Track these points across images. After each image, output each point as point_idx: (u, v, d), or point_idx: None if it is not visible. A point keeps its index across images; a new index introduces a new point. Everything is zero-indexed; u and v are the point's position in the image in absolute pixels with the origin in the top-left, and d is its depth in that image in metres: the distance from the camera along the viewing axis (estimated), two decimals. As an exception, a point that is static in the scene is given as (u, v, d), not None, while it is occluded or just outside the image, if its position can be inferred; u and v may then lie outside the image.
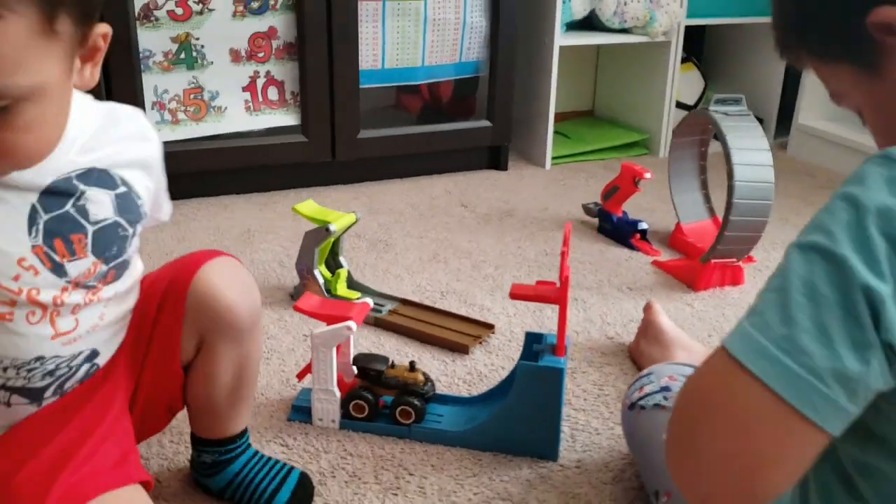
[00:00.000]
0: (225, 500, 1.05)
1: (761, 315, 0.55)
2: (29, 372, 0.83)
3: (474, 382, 1.33)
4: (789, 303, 0.54)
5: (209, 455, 1.04)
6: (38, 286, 0.81)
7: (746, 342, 0.54)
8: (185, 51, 1.94)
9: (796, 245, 0.57)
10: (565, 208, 2.12)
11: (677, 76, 2.52)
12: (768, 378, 0.52)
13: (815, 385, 0.52)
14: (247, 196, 2.12)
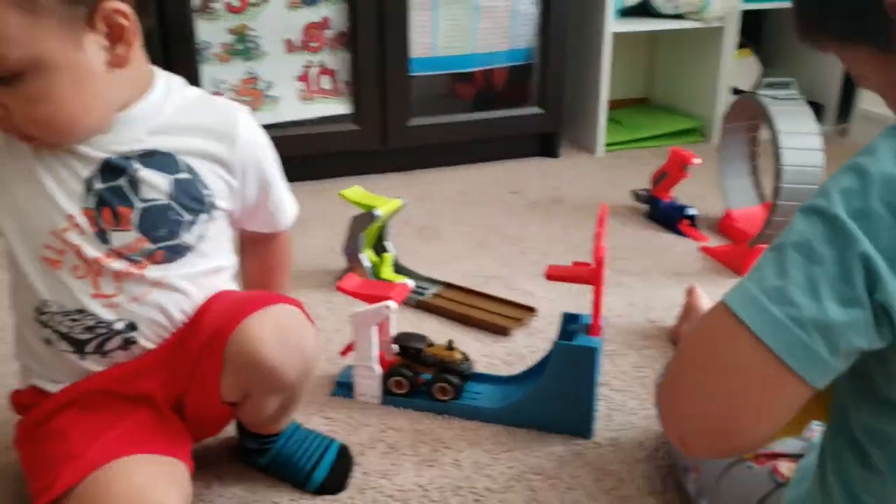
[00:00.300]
0: (269, 474, 1.09)
1: (759, 270, 0.58)
2: (72, 321, 0.90)
3: (514, 363, 1.36)
4: (785, 259, 0.56)
5: (253, 442, 1.08)
6: (81, 245, 0.88)
7: (741, 293, 0.57)
8: (241, 42, 2.00)
9: (800, 209, 0.59)
10: (615, 195, 2.12)
11: (732, 62, 2.49)
12: (754, 324, 0.55)
13: (797, 333, 0.54)
14: (300, 184, 2.15)
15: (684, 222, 1.87)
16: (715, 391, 0.57)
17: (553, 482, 1.07)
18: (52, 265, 0.89)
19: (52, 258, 0.89)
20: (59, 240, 0.88)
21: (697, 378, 0.59)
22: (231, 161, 0.94)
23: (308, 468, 1.07)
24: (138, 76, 0.90)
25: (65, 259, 0.89)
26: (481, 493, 1.05)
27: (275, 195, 1.04)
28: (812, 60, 2.67)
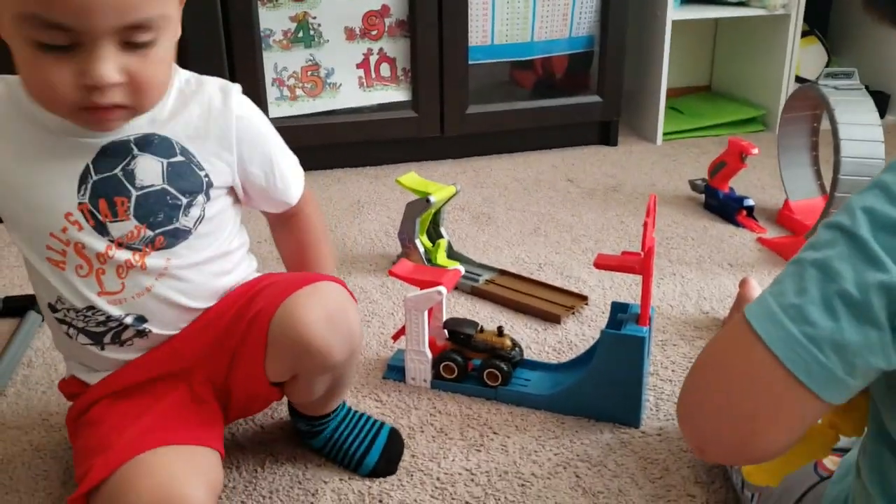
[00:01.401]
0: (323, 456, 1.12)
1: (780, 284, 0.58)
2: (85, 318, 0.93)
3: (564, 351, 1.37)
4: (804, 275, 0.56)
5: (304, 424, 1.11)
6: (82, 241, 0.89)
7: (762, 307, 0.57)
8: (303, 29, 2.04)
9: (823, 224, 0.59)
10: (673, 184, 2.11)
11: (797, 50, 2.44)
12: (771, 341, 0.55)
13: (814, 353, 0.54)
14: (358, 169, 2.21)
15: (742, 213, 1.85)
16: (729, 403, 0.58)
17: (599, 469, 1.09)
18: (56, 265, 0.90)
19: (56, 259, 0.90)
20: (60, 240, 0.89)
21: (713, 389, 0.59)
22: (227, 139, 0.93)
23: (360, 452, 1.09)
24: None
25: (68, 259, 0.90)
26: (527, 479, 1.07)
27: (279, 170, 1.01)
28: (879, 49, 2.61)
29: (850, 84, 1.63)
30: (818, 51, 2.66)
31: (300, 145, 2.08)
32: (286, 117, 2.09)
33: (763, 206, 1.93)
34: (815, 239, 0.59)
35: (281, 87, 2.07)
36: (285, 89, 2.08)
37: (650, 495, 1.04)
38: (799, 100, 1.79)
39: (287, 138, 2.12)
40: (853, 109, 1.57)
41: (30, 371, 1.31)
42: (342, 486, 1.06)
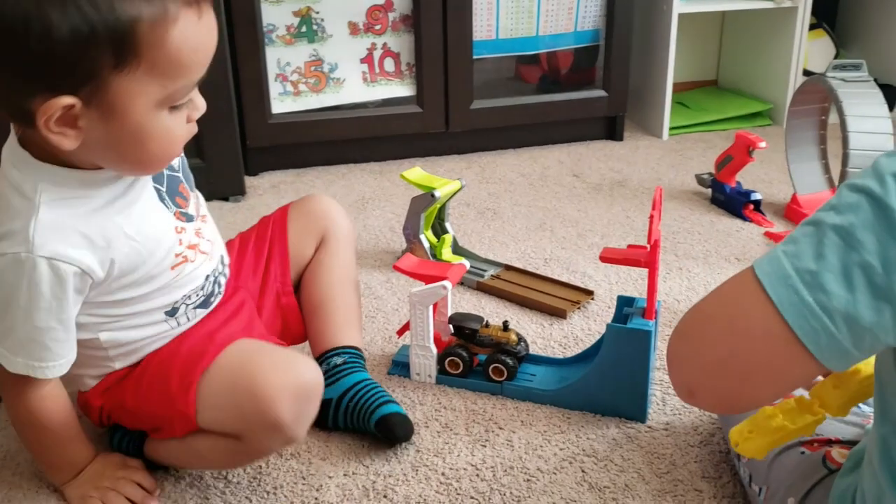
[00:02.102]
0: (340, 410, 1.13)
1: (796, 244, 0.56)
2: (199, 290, 1.03)
3: (570, 346, 1.36)
4: (824, 239, 0.54)
5: (325, 365, 1.15)
6: (190, 239, 1.00)
7: (774, 266, 0.56)
8: (306, 24, 2.03)
9: (849, 185, 0.56)
10: (680, 179, 2.10)
11: (804, 43, 2.42)
12: (782, 305, 0.55)
13: (825, 323, 0.53)
14: (363, 165, 2.20)
15: (749, 207, 1.84)
16: (727, 354, 0.58)
17: (605, 464, 1.08)
18: (178, 265, 0.99)
19: (179, 262, 0.99)
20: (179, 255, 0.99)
21: (712, 336, 0.59)
22: None
23: (376, 405, 1.11)
24: None
25: (187, 258, 1.00)
26: (532, 474, 1.06)
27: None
28: (888, 42, 2.59)
29: (859, 76, 1.61)
30: (826, 44, 2.64)
31: (304, 141, 2.11)
32: (289, 113, 2.08)
33: (770, 201, 1.92)
34: (838, 200, 0.56)
35: (284, 82, 2.07)
36: (288, 85, 2.07)
37: (657, 490, 1.03)
38: (806, 93, 1.78)
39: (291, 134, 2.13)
40: (861, 102, 1.55)
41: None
42: (346, 480, 1.05)
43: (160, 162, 0.91)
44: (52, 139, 0.81)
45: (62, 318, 0.90)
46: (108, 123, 0.82)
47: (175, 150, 0.90)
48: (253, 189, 2.04)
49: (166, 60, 0.80)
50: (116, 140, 0.84)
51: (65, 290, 0.88)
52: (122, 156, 0.87)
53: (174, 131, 0.87)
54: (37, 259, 0.85)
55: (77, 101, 0.79)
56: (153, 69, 0.80)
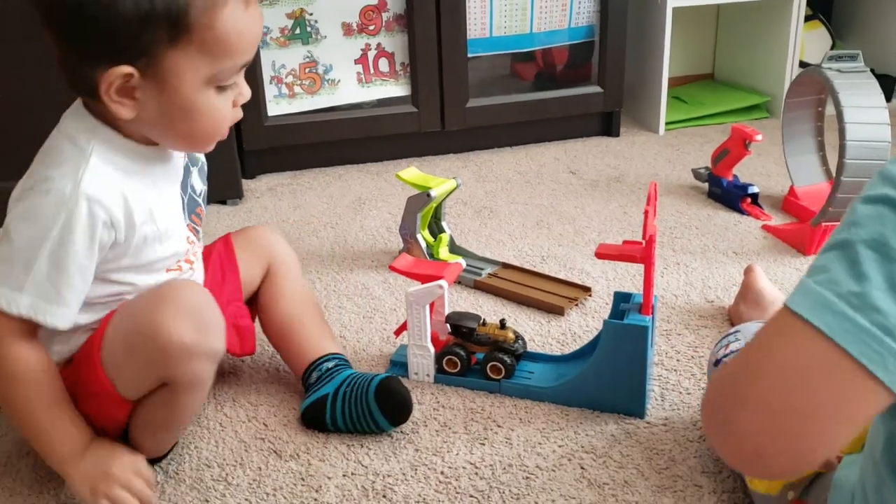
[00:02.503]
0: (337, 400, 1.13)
1: (827, 272, 0.52)
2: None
3: (568, 343, 1.36)
4: (858, 258, 0.51)
5: (316, 372, 1.17)
6: (192, 252, 1.08)
7: (811, 298, 0.52)
8: (299, 26, 2.03)
9: (864, 198, 0.53)
10: (676, 173, 2.09)
11: (800, 35, 2.42)
12: (834, 333, 0.50)
13: (889, 344, 0.49)
14: (360, 165, 2.20)
15: (746, 200, 1.83)
16: (789, 406, 0.52)
17: (604, 460, 1.07)
18: (170, 270, 1.05)
19: (175, 268, 1.05)
20: (183, 260, 1.06)
21: (766, 392, 0.53)
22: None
23: (369, 379, 1.13)
24: None
25: (182, 270, 1.06)
26: (531, 471, 1.06)
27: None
28: (885, 32, 2.59)
29: (855, 67, 1.61)
30: (822, 35, 2.64)
31: (300, 143, 2.11)
32: (285, 115, 2.08)
33: (768, 193, 1.91)
34: (855, 217, 0.53)
35: (279, 84, 2.06)
36: (283, 87, 2.07)
37: (656, 486, 1.03)
38: (802, 84, 1.78)
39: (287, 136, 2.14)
40: (858, 92, 1.55)
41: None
42: (345, 481, 1.05)
43: (206, 139, 0.98)
44: (112, 108, 0.90)
45: (82, 266, 0.93)
46: (161, 96, 0.91)
47: (221, 129, 0.98)
48: (250, 192, 2.04)
49: (215, 41, 0.89)
50: (169, 113, 0.93)
51: (94, 236, 0.92)
52: (173, 129, 0.95)
53: (221, 111, 0.95)
54: (80, 197, 0.91)
55: (135, 72, 0.88)
56: (203, 48, 0.89)
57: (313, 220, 1.86)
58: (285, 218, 1.88)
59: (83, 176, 0.92)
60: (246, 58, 0.94)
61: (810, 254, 1.62)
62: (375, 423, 1.11)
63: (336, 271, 1.62)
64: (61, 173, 0.92)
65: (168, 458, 1.10)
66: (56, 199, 0.90)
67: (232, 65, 0.92)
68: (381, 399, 1.10)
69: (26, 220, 0.91)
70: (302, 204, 1.96)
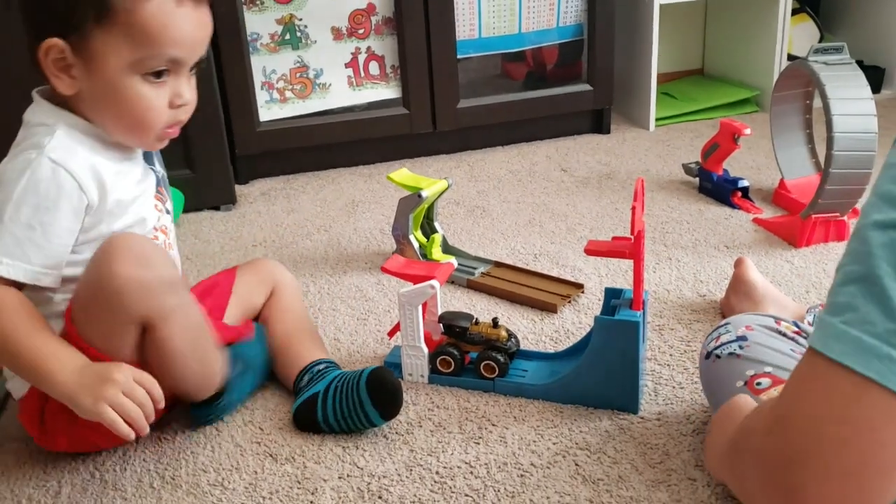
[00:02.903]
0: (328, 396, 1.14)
1: (855, 311, 0.49)
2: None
3: (561, 340, 1.36)
4: (887, 292, 0.48)
5: (308, 375, 1.19)
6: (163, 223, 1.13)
7: (848, 343, 0.49)
8: (289, 31, 2.04)
9: (874, 224, 0.51)
10: (667, 169, 2.10)
11: (788, 28, 2.43)
12: (886, 379, 0.47)
13: None
14: (352, 168, 2.20)
15: (737, 194, 1.84)
16: (863, 465, 0.48)
17: (598, 456, 1.08)
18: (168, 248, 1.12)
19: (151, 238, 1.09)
20: (158, 230, 1.10)
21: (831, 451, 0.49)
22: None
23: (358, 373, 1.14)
24: None
25: (158, 241, 1.10)
26: (526, 469, 1.07)
27: None
28: (872, 23, 2.60)
29: (841, 59, 1.61)
30: (810, 28, 2.65)
31: (293, 147, 2.12)
32: (277, 120, 2.08)
33: (758, 187, 1.92)
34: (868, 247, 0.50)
35: (270, 90, 2.07)
36: (275, 92, 2.08)
37: (651, 480, 1.03)
38: (790, 78, 1.78)
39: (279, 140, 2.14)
40: (844, 84, 1.56)
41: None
42: (341, 483, 1.06)
43: (138, 129, 1.02)
44: (52, 81, 0.98)
45: (44, 222, 0.97)
46: (90, 76, 0.97)
47: (151, 123, 1.01)
48: (244, 197, 2.04)
49: (136, 27, 0.95)
50: (98, 95, 0.99)
51: (58, 196, 0.97)
52: (106, 113, 1.01)
53: (149, 103, 0.99)
54: (43, 159, 0.97)
55: (66, 46, 0.95)
56: (126, 32, 0.95)
57: (307, 224, 1.87)
58: (279, 222, 1.89)
59: (48, 144, 0.98)
60: (173, 52, 0.98)
61: (801, 246, 1.63)
62: (367, 416, 1.12)
63: (330, 274, 1.62)
64: (28, 145, 0.98)
65: (164, 464, 1.11)
66: (21, 163, 0.97)
67: (154, 55, 0.97)
68: (372, 389, 1.11)
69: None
70: (295, 208, 1.97)
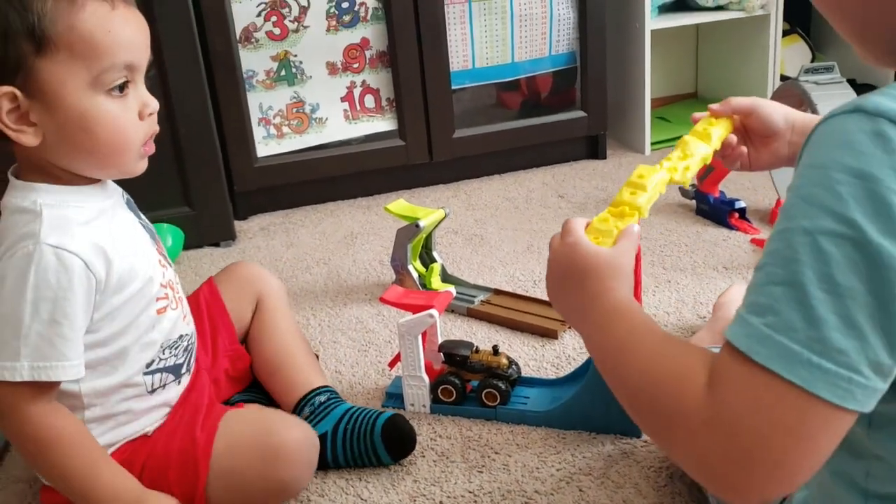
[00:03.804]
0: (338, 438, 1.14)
1: (777, 315, 0.53)
2: (175, 349, 1.06)
3: (563, 366, 1.36)
4: (810, 301, 0.51)
5: (309, 407, 1.17)
6: (168, 278, 1.05)
7: (773, 348, 0.52)
8: (285, 68, 2.06)
9: (803, 231, 0.53)
10: (664, 192, 2.11)
11: (779, 49, 2.45)
12: (813, 387, 0.51)
13: (856, 380, 0.51)
14: (350, 201, 2.21)
15: (734, 215, 1.85)
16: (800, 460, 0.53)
17: (602, 481, 1.08)
18: (166, 311, 1.03)
19: (163, 306, 1.03)
20: (163, 285, 1.04)
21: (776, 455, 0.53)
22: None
23: (373, 418, 1.14)
24: None
25: (169, 298, 1.05)
26: (530, 496, 1.06)
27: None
28: (863, 42, 2.61)
29: (831, 78, 1.63)
30: (802, 48, 2.67)
31: (291, 181, 2.13)
32: (274, 155, 2.10)
33: (755, 207, 1.93)
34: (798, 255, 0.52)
35: (267, 126, 2.09)
36: (272, 128, 2.09)
37: (655, 504, 1.03)
38: (781, 98, 1.79)
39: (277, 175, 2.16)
40: (836, 104, 1.56)
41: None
42: (345, 517, 1.06)
43: (117, 151, 0.94)
44: (14, 137, 0.89)
45: (68, 313, 0.91)
46: (53, 112, 0.89)
47: (128, 139, 0.94)
48: (243, 233, 2.05)
49: (81, 41, 0.88)
50: (67, 129, 0.91)
51: (71, 282, 0.91)
52: (81, 148, 0.92)
53: (120, 118, 0.93)
54: (43, 247, 0.90)
55: (16, 91, 0.87)
56: (73, 51, 0.88)
57: (306, 258, 1.88)
58: (279, 256, 1.90)
59: (40, 231, 0.90)
60: (126, 57, 0.91)
61: (799, 265, 1.63)
62: (378, 458, 1.13)
63: (330, 307, 1.63)
64: (20, 236, 0.91)
65: (168, 502, 1.10)
66: (21, 260, 0.90)
67: (110, 64, 0.90)
68: (388, 437, 1.12)
69: (1, 289, 0.90)
70: (295, 242, 1.98)
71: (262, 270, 1.31)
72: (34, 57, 0.87)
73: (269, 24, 2.01)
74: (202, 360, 1.17)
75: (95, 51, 0.89)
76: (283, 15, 2.01)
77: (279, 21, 2.01)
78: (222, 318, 1.22)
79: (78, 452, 0.94)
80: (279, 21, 2.01)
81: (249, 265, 1.32)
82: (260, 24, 2.00)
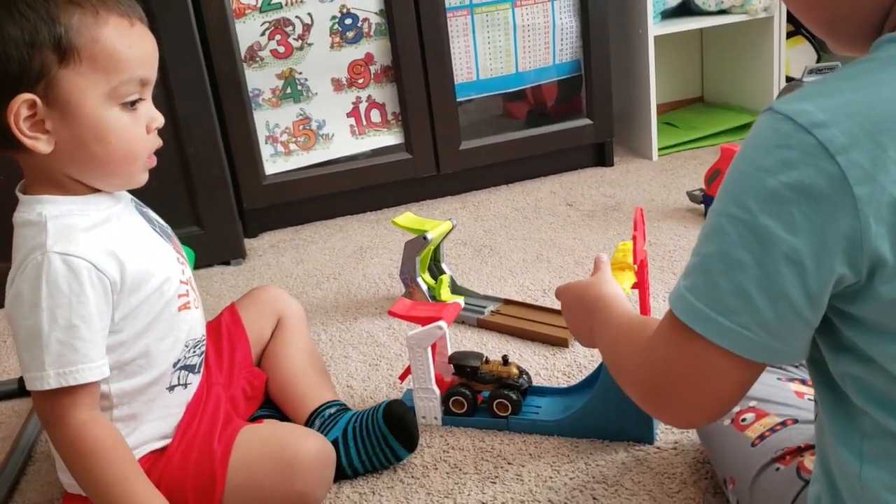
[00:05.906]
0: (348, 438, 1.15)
1: (689, 278, 0.64)
2: (196, 348, 1.09)
3: (574, 374, 1.36)
4: (710, 269, 0.62)
5: (319, 419, 1.19)
6: (188, 276, 1.08)
7: (686, 305, 0.64)
8: (290, 86, 2.07)
9: (713, 212, 0.63)
10: (672, 197, 2.11)
11: (784, 51, 2.45)
12: (713, 336, 0.62)
13: (746, 335, 0.61)
14: (359, 216, 2.22)
15: (742, 218, 1.84)
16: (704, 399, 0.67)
17: (616, 489, 1.07)
18: (185, 308, 1.05)
19: (184, 302, 1.06)
20: (184, 282, 1.06)
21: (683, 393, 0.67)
22: None
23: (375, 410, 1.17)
24: None
25: (189, 296, 1.07)
26: (544, 505, 1.06)
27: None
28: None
29: (834, 79, 1.62)
30: (807, 49, 2.67)
31: (299, 198, 2.14)
32: (282, 172, 2.11)
33: (764, 210, 1.92)
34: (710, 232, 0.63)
35: (274, 143, 2.10)
36: (279, 145, 2.11)
37: (669, 510, 1.03)
38: (786, 100, 1.79)
39: (286, 192, 2.16)
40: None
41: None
42: (359, 531, 1.06)
43: (125, 162, 0.97)
44: (28, 144, 0.91)
45: (84, 316, 0.92)
46: (69, 121, 0.92)
47: (136, 152, 0.97)
48: (253, 251, 2.06)
49: (104, 54, 0.91)
50: (81, 138, 0.93)
51: (81, 285, 0.92)
52: (92, 156, 0.95)
53: (131, 131, 0.96)
54: (51, 256, 0.92)
55: (36, 98, 0.90)
56: (95, 63, 0.91)
57: (316, 273, 1.89)
58: (289, 273, 1.91)
59: (46, 241, 0.93)
60: (142, 71, 0.95)
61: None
62: (392, 450, 1.14)
63: (340, 321, 1.63)
64: (29, 249, 0.93)
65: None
66: (33, 272, 0.92)
67: (128, 77, 0.93)
68: (390, 423, 1.14)
69: (18, 302, 0.93)
70: (304, 258, 1.99)
71: (282, 293, 1.34)
72: (57, 67, 0.90)
73: (273, 42, 2.02)
74: (216, 376, 1.18)
75: (116, 64, 0.92)
76: (287, 33, 2.02)
77: (283, 39, 2.03)
78: (241, 340, 1.25)
79: (113, 464, 0.95)
80: (283, 39, 2.03)
81: (270, 288, 1.35)
82: (264, 42, 2.02)
